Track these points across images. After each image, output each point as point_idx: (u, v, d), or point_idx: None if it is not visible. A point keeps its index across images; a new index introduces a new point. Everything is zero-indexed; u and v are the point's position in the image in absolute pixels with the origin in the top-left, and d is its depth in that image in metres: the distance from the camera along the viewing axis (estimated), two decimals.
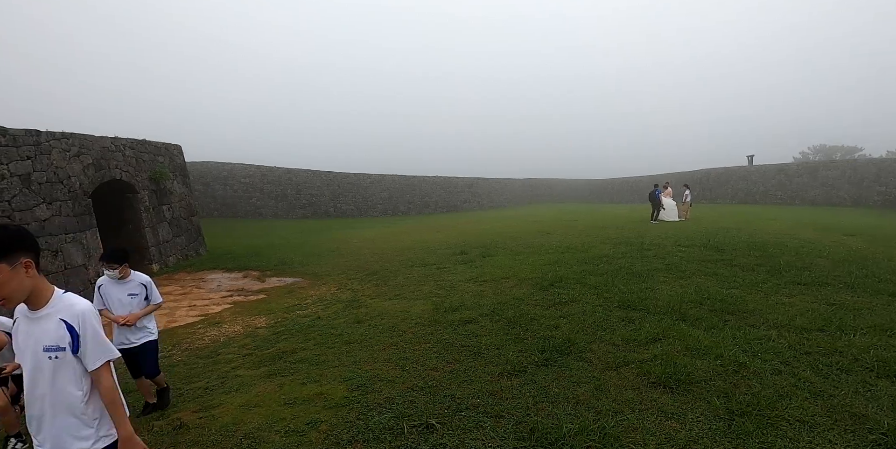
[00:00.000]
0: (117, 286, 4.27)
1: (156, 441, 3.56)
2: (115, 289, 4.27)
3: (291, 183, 32.20)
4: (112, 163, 11.89)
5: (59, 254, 9.68)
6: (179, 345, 6.64)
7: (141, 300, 4.35)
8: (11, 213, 8.83)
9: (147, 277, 4.44)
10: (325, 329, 6.12)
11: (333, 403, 3.80)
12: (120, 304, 4.26)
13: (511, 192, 51.13)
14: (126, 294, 4.27)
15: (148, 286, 4.37)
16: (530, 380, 3.94)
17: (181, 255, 14.41)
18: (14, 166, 9.06)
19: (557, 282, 7.39)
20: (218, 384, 4.73)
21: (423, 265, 10.56)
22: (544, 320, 5.49)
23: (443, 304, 6.58)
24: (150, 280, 4.43)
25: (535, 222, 22.03)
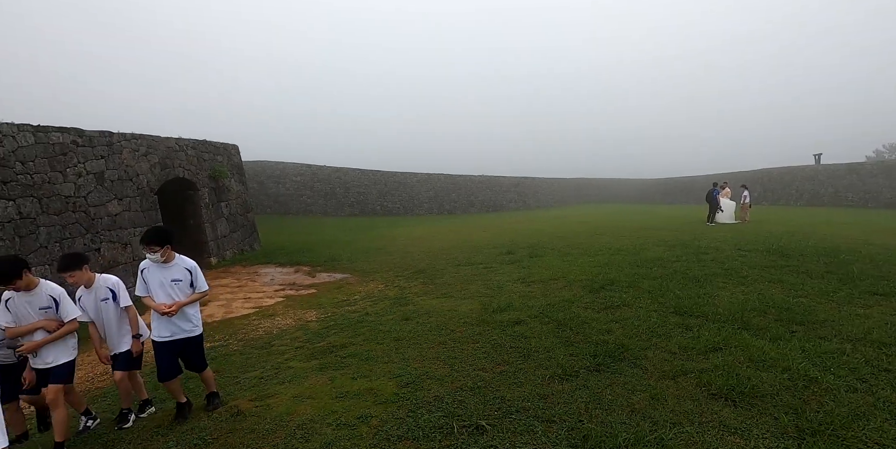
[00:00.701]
0: (160, 271, 3.94)
1: (215, 427, 3.72)
2: (158, 273, 3.93)
3: (340, 181, 32.98)
4: (176, 162, 12.56)
5: (128, 246, 10.33)
6: (236, 335, 6.94)
7: (186, 287, 4.00)
8: (87, 208, 9.50)
9: (193, 262, 4.12)
10: (373, 325, 6.21)
11: (383, 398, 3.85)
12: (163, 290, 3.92)
13: (558, 192, 50.25)
14: (170, 280, 3.93)
15: (193, 272, 4.04)
16: (582, 385, 3.84)
17: (237, 249, 15.06)
18: (89, 165, 9.74)
19: (609, 285, 7.19)
20: (272, 374, 4.89)
21: (469, 264, 10.54)
22: (596, 324, 5.35)
23: (491, 304, 6.55)
24: (195, 265, 4.11)
25: (583, 223, 21.56)
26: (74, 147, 9.47)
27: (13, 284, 3.50)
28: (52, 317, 3.69)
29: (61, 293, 3.75)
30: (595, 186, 56.12)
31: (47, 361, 3.70)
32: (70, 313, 3.78)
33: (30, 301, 3.64)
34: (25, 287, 3.59)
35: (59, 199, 8.93)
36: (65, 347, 3.81)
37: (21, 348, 3.63)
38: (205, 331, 7.38)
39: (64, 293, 3.77)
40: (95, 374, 6.02)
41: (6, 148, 8.13)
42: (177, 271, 4.00)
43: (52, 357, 3.72)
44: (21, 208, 8.20)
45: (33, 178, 8.50)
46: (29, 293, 3.63)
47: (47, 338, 3.66)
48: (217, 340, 6.76)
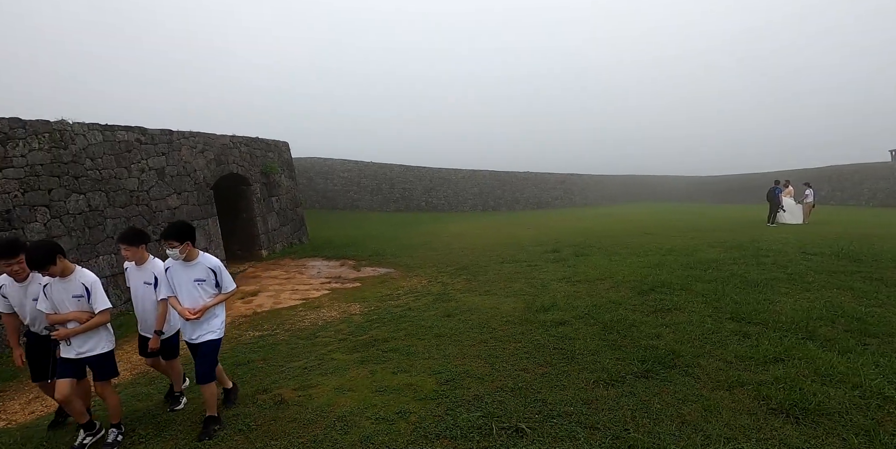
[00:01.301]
0: (184, 270, 3.74)
1: (258, 413, 3.81)
2: (182, 272, 3.74)
3: (386, 177, 33.41)
4: (230, 158, 13.08)
5: None
6: (283, 325, 7.14)
7: (210, 287, 3.78)
8: (150, 201, 10.05)
9: (216, 261, 3.87)
10: (415, 320, 6.23)
11: (423, 395, 3.83)
12: (187, 291, 3.73)
13: (606, 190, 48.91)
14: (193, 280, 3.72)
15: (217, 271, 3.79)
16: (629, 391, 3.68)
17: (286, 242, 15.54)
18: (152, 161, 10.29)
19: (659, 287, 6.89)
20: (315, 365, 4.99)
21: (513, 262, 10.41)
22: (644, 328, 5.13)
23: (534, 303, 6.42)
24: (219, 264, 3.86)
25: (632, 222, 20.88)
26: (138, 144, 10.03)
27: (47, 271, 3.40)
28: (84, 305, 3.58)
29: (94, 282, 3.61)
30: (644, 184, 54.22)
31: (80, 350, 3.59)
32: (100, 304, 3.59)
33: (65, 287, 3.54)
34: (60, 273, 3.49)
35: (125, 192, 9.49)
36: (98, 339, 3.66)
37: (55, 333, 3.56)
38: (255, 320, 7.77)
39: (97, 282, 3.63)
40: None
41: (78, 145, 8.70)
42: (200, 271, 3.76)
43: (87, 347, 3.61)
44: (90, 201, 8.76)
45: (101, 174, 9.06)
46: (64, 280, 3.53)
47: (77, 328, 3.53)
48: (265, 330, 6.98)
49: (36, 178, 7.91)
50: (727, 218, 21.55)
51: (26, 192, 7.74)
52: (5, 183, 7.48)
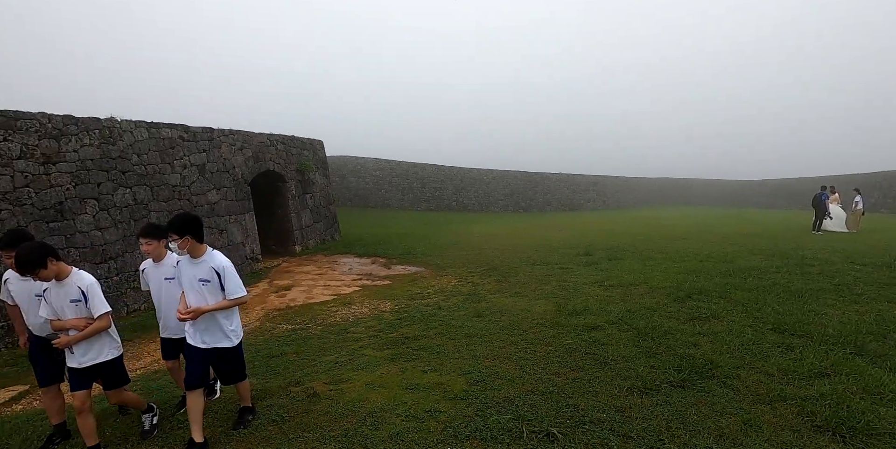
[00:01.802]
0: (190, 267, 3.42)
1: (292, 405, 3.89)
2: (189, 270, 3.42)
3: (417, 177, 33.59)
4: (267, 156, 13.40)
5: (224, 232, 11.18)
6: (315, 319, 7.28)
7: (215, 290, 3.38)
8: (190, 196, 10.40)
9: (223, 261, 3.43)
10: (445, 320, 6.24)
11: (452, 394, 3.83)
12: (192, 290, 3.39)
13: (639, 192, 47.84)
14: (197, 279, 3.38)
15: (222, 272, 3.36)
16: (664, 401, 3.59)
17: (319, 239, 15.82)
18: (193, 158, 10.64)
19: (696, 294, 6.69)
20: (347, 360, 5.06)
21: (544, 264, 10.30)
22: (681, 336, 4.99)
23: (566, 306, 6.33)
24: (226, 265, 3.41)
25: (667, 226, 20.36)
26: (181, 142, 10.39)
27: (37, 275, 3.08)
28: (82, 311, 3.29)
29: (90, 285, 3.28)
30: (680, 187, 52.74)
31: (82, 360, 3.32)
32: (98, 308, 3.28)
33: (63, 292, 3.25)
34: (56, 277, 3.19)
35: (167, 187, 9.84)
36: (101, 346, 3.39)
37: (55, 342, 3.28)
38: (288, 314, 7.94)
39: (94, 285, 3.31)
40: None
41: (125, 142, 9.08)
42: (204, 270, 3.38)
43: (90, 356, 3.34)
44: (136, 195, 9.13)
45: (146, 169, 9.43)
46: (61, 284, 3.24)
47: (76, 336, 3.25)
48: (298, 324, 7.13)
49: (86, 172, 8.30)
50: (768, 224, 20.77)
51: (77, 186, 8.13)
52: (59, 176, 7.88)
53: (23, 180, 7.38)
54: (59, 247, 7.71)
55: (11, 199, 7.21)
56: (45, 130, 7.80)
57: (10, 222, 7.14)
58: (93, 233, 8.26)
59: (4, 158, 7.21)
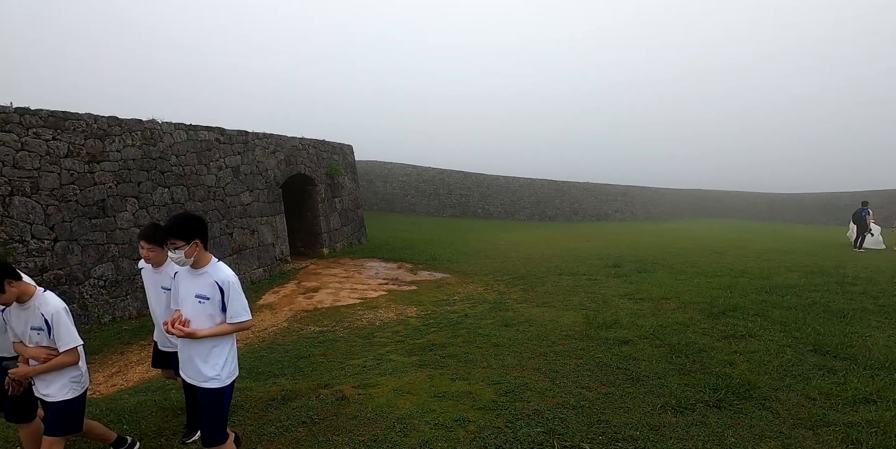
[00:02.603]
0: (190, 279, 2.82)
1: (322, 408, 3.91)
2: (188, 282, 2.83)
3: (444, 183, 33.70)
4: (298, 159, 13.65)
5: (255, 233, 11.41)
6: (342, 322, 7.34)
7: (214, 309, 2.75)
8: (224, 197, 10.66)
9: (228, 274, 2.80)
10: (472, 328, 6.21)
11: (481, 404, 3.80)
12: (191, 306, 2.79)
13: (670, 204, 46.87)
14: (194, 294, 2.77)
15: (226, 289, 2.74)
16: (699, 420, 3.48)
17: (346, 242, 15.99)
18: (228, 160, 10.92)
19: (731, 311, 6.49)
20: (374, 365, 5.08)
21: (572, 274, 10.17)
22: (716, 354, 4.84)
23: (595, 318, 6.23)
24: (231, 279, 2.79)
25: (699, 239, 19.88)
26: (217, 144, 10.67)
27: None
28: (43, 339, 2.78)
29: (55, 313, 2.74)
30: (713, 199, 51.45)
31: (42, 392, 2.85)
32: (65, 341, 2.76)
33: (24, 316, 2.77)
34: (17, 299, 2.72)
35: (203, 188, 10.12)
36: (61, 383, 2.83)
37: (11, 371, 2.82)
38: (315, 316, 8.03)
39: (60, 312, 2.76)
40: None
41: (165, 143, 9.38)
42: (203, 284, 2.76)
43: (47, 391, 2.83)
44: (174, 195, 9.41)
45: (184, 170, 9.71)
46: (22, 306, 2.76)
47: (36, 367, 2.77)
48: (325, 326, 7.20)
49: (128, 171, 8.60)
50: (806, 239, 20.06)
51: (119, 184, 8.43)
52: (102, 175, 8.19)
53: (69, 178, 7.70)
54: (101, 243, 8.00)
55: (58, 196, 7.52)
56: (91, 131, 8.12)
57: (56, 217, 7.45)
58: (131, 230, 8.53)
59: (53, 156, 7.54)
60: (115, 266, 8.16)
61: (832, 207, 38.82)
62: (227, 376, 2.83)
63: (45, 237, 7.29)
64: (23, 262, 6.96)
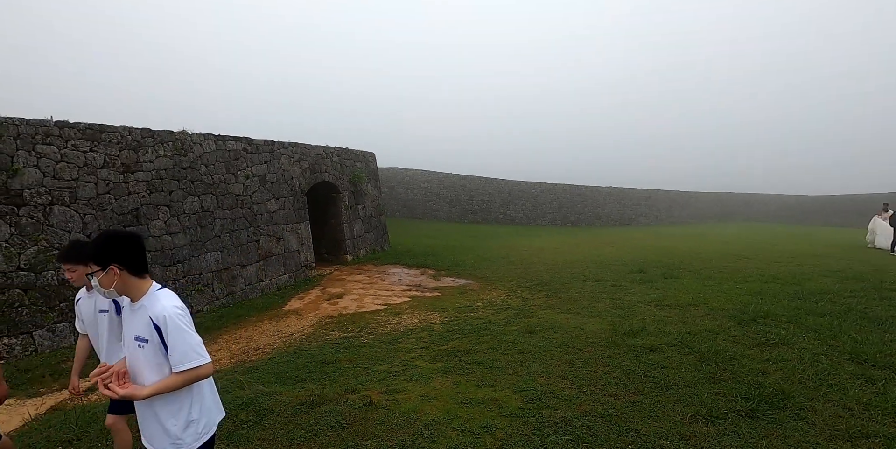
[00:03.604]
0: (130, 315, 2.19)
1: (350, 413, 3.96)
2: (128, 321, 2.21)
3: (465, 189, 33.76)
4: (323, 167, 13.88)
5: (281, 240, 11.63)
6: (366, 328, 7.41)
7: (155, 355, 2.08)
8: (252, 205, 10.90)
9: (166, 309, 2.07)
10: (496, 334, 6.20)
11: (508, 411, 3.80)
12: (132, 352, 2.15)
13: (696, 207, 45.94)
14: (133, 336, 2.13)
15: (162, 327, 2.05)
16: (732, 430, 3.42)
17: (369, 249, 16.14)
18: (255, 169, 11.17)
19: (762, 317, 6.35)
20: (399, 371, 5.11)
21: (596, 280, 10.06)
22: (747, 362, 4.74)
23: (621, 325, 6.15)
24: (169, 314, 2.06)
25: (725, 243, 19.46)
26: (245, 153, 10.94)
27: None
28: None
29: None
30: (740, 202, 50.19)
31: None
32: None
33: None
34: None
35: (231, 196, 10.37)
36: None
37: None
38: (340, 321, 8.14)
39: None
40: None
41: (195, 153, 9.66)
42: (139, 322, 2.11)
43: None
44: (203, 203, 9.67)
45: (213, 179, 9.98)
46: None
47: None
48: (350, 331, 7.28)
49: (160, 181, 8.89)
50: (839, 243, 19.43)
51: (152, 193, 8.71)
52: (136, 184, 8.48)
53: (105, 187, 7.99)
54: None
55: (94, 205, 7.82)
56: (126, 142, 8.43)
57: (93, 226, 7.73)
58: (163, 237, 8.80)
59: (90, 167, 7.84)
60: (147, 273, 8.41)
61: (868, 210, 37.47)
62: (192, 440, 2.14)
63: None
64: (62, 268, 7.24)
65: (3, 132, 6.88)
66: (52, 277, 7.13)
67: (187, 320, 2.12)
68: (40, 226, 7.11)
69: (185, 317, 2.12)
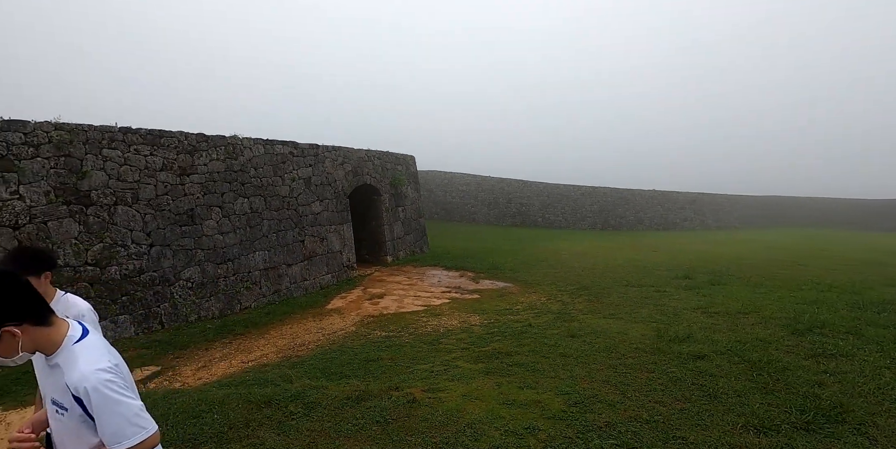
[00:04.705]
0: (46, 372, 1.70)
1: (393, 408, 4.04)
2: (43, 379, 1.75)
3: (503, 192, 33.65)
4: (364, 170, 14.18)
5: (324, 240, 11.95)
6: (407, 328, 7.52)
7: (77, 425, 1.60)
8: (297, 206, 11.26)
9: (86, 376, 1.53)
10: (537, 337, 6.18)
11: (551, 414, 3.80)
12: (53, 418, 1.69)
13: (744, 211, 44.06)
14: (50, 399, 1.67)
15: (85, 399, 1.54)
16: (786, 443, 3.30)
17: (409, 251, 16.35)
18: (300, 171, 11.54)
19: (818, 327, 6.06)
20: (441, 370, 5.18)
21: (639, 286, 9.85)
22: (802, 373, 4.55)
23: (666, 332, 6.01)
24: (88, 385, 1.52)
25: (778, 249, 18.61)
26: (291, 157, 11.33)
27: None
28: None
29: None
30: (791, 205, 47.70)
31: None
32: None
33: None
34: None
35: (278, 198, 10.75)
36: None
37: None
38: (382, 321, 8.31)
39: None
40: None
41: (245, 157, 10.08)
42: (55, 385, 1.63)
43: None
44: (252, 204, 10.07)
45: (262, 181, 10.38)
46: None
47: None
48: (391, 331, 7.42)
49: (213, 183, 9.32)
50: None
51: (205, 195, 9.15)
52: (191, 186, 8.92)
53: (163, 189, 8.46)
54: (189, 248, 8.70)
55: (154, 205, 8.29)
56: (182, 146, 8.90)
57: (152, 225, 8.20)
58: (216, 236, 9.22)
59: (150, 170, 8.32)
60: (201, 270, 8.84)
61: None
62: None
63: (142, 242, 8.04)
64: (124, 264, 7.72)
65: (74, 138, 7.41)
66: (116, 271, 7.60)
67: (120, 384, 1.58)
68: (105, 224, 7.59)
69: (116, 380, 1.58)
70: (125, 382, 1.60)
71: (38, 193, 6.93)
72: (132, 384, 1.68)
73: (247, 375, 5.73)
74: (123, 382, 1.59)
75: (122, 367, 1.67)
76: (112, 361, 1.63)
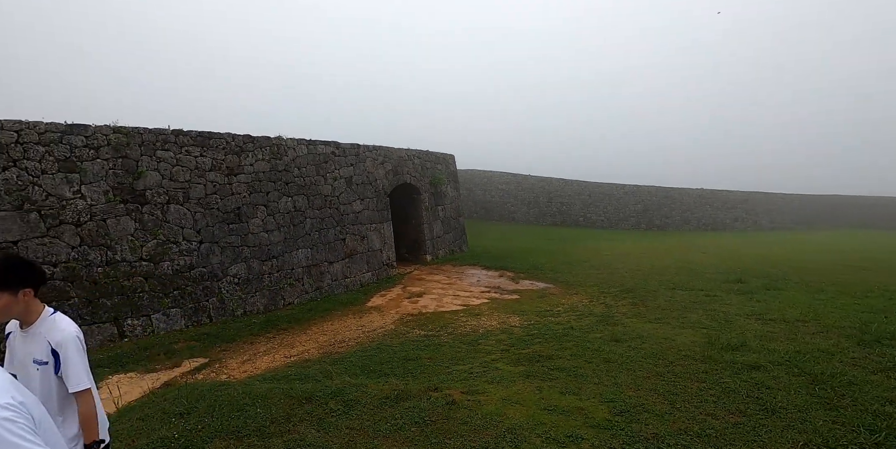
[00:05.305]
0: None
1: (433, 410, 4.00)
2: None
3: (544, 191, 33.17)
4: (405, 169, 14.25)
5: (365, 239, 12.09)
6: (446, 328, 7.49)
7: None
8: (339, 205, 11.44)
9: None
10: (580, 341, 6.01)
11: (595, 422, 3.66)
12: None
13: (800, 211, 41.66)
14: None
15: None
16: None
17: (448, 249, 16.34)
18: (342, 171, 11.72)
19: (888, 338, 5.61)
20: (480, 372, 5.11)
21: (687, 289, 9.45)
22: (870, 389, 4.21)
23: (718, 339, 5.71)
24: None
25: (839, 252, 17.49)
26: (333, 156, 11.52)
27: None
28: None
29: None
30: (852, 205, 44.62)
31: None
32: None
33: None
34: None
35: (320, 197, 10.95)
36: None
37: None
38: (420, 320, 8.32)
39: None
40: None
41: (289, 157, 10.32)
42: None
43: None
44: (295, 203, 10.30)
45: (305, 181, 10.60)
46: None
47: None
48: (430, 330, 7.41)
49: (259, 182, 9.58)
50: None
51: (251, 194, 9.42)
52: (238, 186, 9.21)
53: (212, 188, 8.76)
54: (236, 245, 8.98)
55: (203, 204, 8.60)
56: (230, 148, 9.19)
57: (202, 223, 8.51)
58: (261, 234, 9.48)
59: (200, 170, 8.64)
60: (247, 266, 9.11)
61: None
62: None
63: (193, 239, 8.35)
64: (176, 259, 8.05)
65: (131, 140, 7.78)
66: (168, 267, 7.93)
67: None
68: (159, 222, 7.94)
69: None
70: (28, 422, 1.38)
71: (97, 193, 7.31)
72: None
73: (289, 370, 5.84)
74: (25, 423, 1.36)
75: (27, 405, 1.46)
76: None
